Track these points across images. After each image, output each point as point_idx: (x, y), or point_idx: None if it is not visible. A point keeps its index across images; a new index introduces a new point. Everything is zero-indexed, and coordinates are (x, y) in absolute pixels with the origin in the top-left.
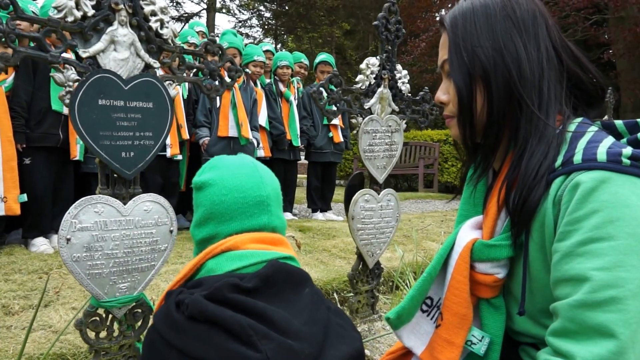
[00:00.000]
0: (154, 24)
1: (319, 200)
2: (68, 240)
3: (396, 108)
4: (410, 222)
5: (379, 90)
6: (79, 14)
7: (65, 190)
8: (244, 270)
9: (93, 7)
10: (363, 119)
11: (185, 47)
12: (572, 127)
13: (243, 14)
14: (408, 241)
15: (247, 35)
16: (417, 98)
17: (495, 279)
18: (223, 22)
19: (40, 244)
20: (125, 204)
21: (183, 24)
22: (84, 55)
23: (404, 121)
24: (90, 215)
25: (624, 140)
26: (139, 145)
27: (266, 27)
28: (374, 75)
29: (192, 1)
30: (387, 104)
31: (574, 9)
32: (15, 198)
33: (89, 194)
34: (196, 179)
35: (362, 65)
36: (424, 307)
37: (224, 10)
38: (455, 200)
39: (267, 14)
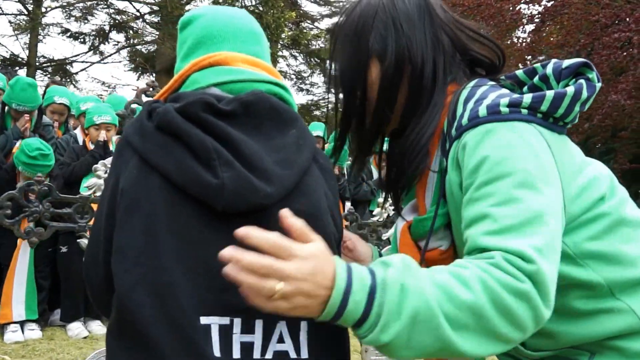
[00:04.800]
0: None
1: None
2: None
3: None
4: None
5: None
6: None
7: None
8: (230, 85)
9: None
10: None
11: None
12: (465, 92)
13: None
14: None
15: None
16: None
17: (441, 252)
18: None
19: (76, 328)
20: None
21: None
22: None
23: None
24: None
25: (526, 88)
26: None
27: None
28: (393, 207)
29: None
30: None
31: None
32: None
33: None
34: (181, 20)
35: (380, 200)
36: None
37: None
38: None
39: None
